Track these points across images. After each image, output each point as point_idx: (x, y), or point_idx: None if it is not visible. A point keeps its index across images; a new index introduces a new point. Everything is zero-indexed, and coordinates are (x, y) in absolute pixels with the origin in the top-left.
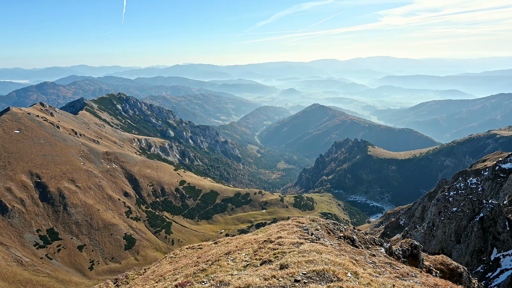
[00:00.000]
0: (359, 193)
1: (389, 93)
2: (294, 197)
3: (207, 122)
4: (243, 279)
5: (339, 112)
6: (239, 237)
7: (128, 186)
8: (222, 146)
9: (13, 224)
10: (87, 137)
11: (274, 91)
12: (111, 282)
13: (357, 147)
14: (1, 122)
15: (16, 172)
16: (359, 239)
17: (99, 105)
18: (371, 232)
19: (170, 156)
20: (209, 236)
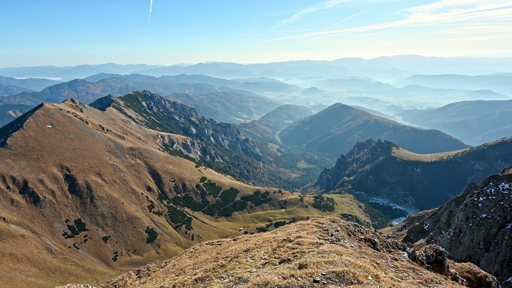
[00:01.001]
0: (381, 196)
1: (415, 93)
2: (314, 197)
3: (228, 120)
4: (262, 277)
5: (362, 112)
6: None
7: (151, 181)
8: (242, 144)
9: (44, 214)
10: (114, 133)
11: (296, 90)
12: (134, 274)
13: (381, 148)
14: (35, 117)
15: (48, 164)
16: (381, 242)
17: (125, 102)
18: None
19: (192, 153)
20: (228, 233)
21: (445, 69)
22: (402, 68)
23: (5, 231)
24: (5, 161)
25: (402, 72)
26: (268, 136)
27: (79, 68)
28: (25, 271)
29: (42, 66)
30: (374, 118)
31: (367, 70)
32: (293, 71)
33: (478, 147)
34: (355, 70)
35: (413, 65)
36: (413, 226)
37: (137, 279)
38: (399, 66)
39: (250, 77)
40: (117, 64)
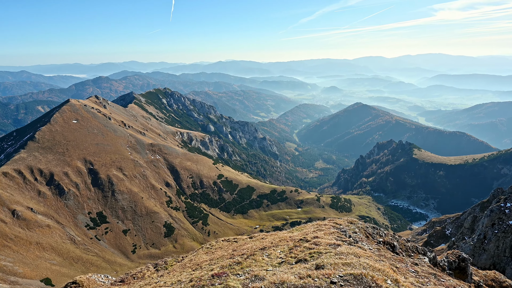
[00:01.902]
0: (401, 198)
1: (440, 93)
2: (331, 198)
3: (246, 118)
4: (278, 276)
5: (383, 112)
6: (274, 234)
7: (169, 177)
8: (260, 142)
9: (68, 206)
10: (135, 129)
11: (315, 88)
12: (152, 267)
13: (402, 149)
14: (62, 113)
15: (72, 158)
16: (400, 245)
17: (146, 99)
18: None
19: (210, 150)
20: (243, 231)
21: (473, 69)
22: (426, 67)
23: (32, 221)
24: (34, 154)
25: (426, 72)
26: (286, 135)
27: (103, 66)
28: (50, 260)
29: (69, 64)
30: (396, 119)
31: (389, 69)
32: (313, 69)
33: (507, 151)
34: (376, 69)
35: (438, 64)
36: (434, 230)
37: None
38: (423, 65)
39: (269, 76)
40: (139, 62)
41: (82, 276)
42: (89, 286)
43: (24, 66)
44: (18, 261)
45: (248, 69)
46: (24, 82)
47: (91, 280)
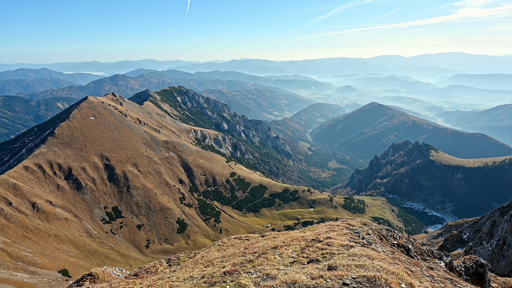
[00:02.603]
0: (416, 200)
1: (459, 94)
2: (344, 198)
3: (259, 117)
4: (290, 275)
5: (399, 112)
6: (286, 233)
7: (183, 174)
8: (273, 141)
9: (85, 200)
10: (150, 126)
11: (330, 88)
12: (165, 262)
13: (418, 150)
14: (80, 109)
15: (90, 154)
16: (415, 249)
17: (161, 96)
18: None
19: (223, 148)
20: (255, 229)
21: (495, 68)
22: (445, 67)
23: (51, 213)
24: (53, 149)
25: (445, 71)
26: (299, 134)
27: (120, 64)
28: (67, 252)
29: (87, 62)
30: (412, 119)
31: (406, 69)
32: (328, 68)
33: None
34: (393, 68)
35: (458, 64)
36: (451, 234)
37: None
38: (442, 65)
39: (283, 74)
40: (155, 60)
41: (98, 268)
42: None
43: (45, 64)
44: (38, 252)
45: (262, 68)
46: (45, 79)
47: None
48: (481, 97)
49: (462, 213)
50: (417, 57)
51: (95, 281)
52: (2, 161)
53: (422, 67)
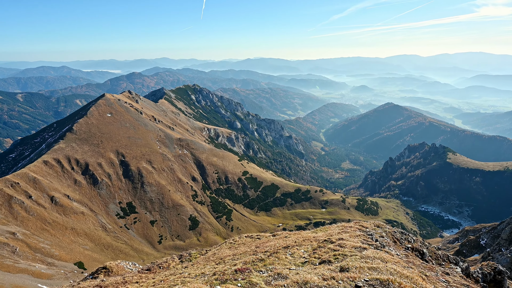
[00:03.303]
0: (432, 204)
1: (479, 95)
2: (357, 200)
3: (273, 116)
4: (301, 275)
5: (415, 113)
6: (298, 233)
7: (196, 171)
8: (286, 140)
9: (101, 195)
10: (164, 124)
11: (344, 87)
12: (176, 258)
13: (435, 152)
14: (97, 106)
15: (106, 150)
16: (430, 253)
17: (176, 95)
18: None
19: (236, 146)
20: (266, 228)
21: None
22: (465, 67)
23: (68, 207)
24: (71, 144)
25: (465, 71)
26: (312, 134)
27: (136, 62)
28: (83, 245)
29: (105, 60)
30: (429, 120)
31: (424, 68)
32: (343, 68)
33: None
34: (410, 68)
35: (478, 64)
36: (467, 239)
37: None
38: (461, 65)
39: (297, 74)
40: (170, 58)
41: (112, 262)
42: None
43: (65, 61)
44: (55, 244)
45: (276, 67)
46: (65, 76)
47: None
48: (502, 98)
49: (480, 218)
50: (435, 57)
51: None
52: (23, 155)
53: (440, 67)
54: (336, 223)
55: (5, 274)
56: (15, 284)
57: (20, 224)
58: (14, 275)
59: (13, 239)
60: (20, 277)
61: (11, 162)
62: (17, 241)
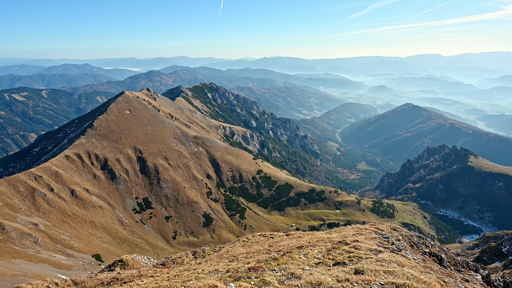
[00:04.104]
0: (451, 208)
1: (505, 96)
2: (372, 201)
3: (288, 115)
4: (315, 276)
5: (436, 114)
6: (311, 234)
7: (210, 169)
8: (301, 140)
9: (119, 190)
10: (181, 121)
11: (362, 87)
12: (190, 254)
13: (455, 155)
14: (117, 103)
15: (124, 146)
16: (449, 259)
17: (193, 93)
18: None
19: (250, 145)
20: (279, 227)
21: None
22: (490, 67)
23: (88, 201)
24: (91, 140)
25: (489, 72)
26: (328, 134)
27: (155, 60)
28: (100, 238)
29: (125, 58)
30: (450, 122)
31: (446, 68)
32: (361, 67)
33: None
34: (431, 68)
35: (504, 64)
36: (488, 246)
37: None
38: (486, 65)
39: (314, 73)
40: (188, 57)
41: (128, 255)
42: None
43: (87, 59)
44: (74, 237)
45: (292, 66)
46: (86, 74)
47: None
48: None
49: (502, 224)
50: (458, 57)
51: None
52: (47, 149)
53: (463, 67)
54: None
55: (28, 263)
56: (36, 273)
57: (42, 216)
58: (36, 264)
59: (36, 230)
60: (41, 267)
61: (35, 155)
62: (39, 232)
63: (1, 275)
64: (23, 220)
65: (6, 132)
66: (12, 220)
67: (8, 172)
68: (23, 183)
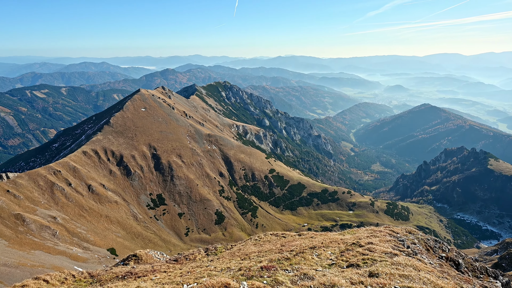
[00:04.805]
0: (469, 212)
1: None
2: (386, 203)
3: (302, 114)
4: (328, 277)
5: (454, 115)
6: (324, 234)
7: (223, 167)
8: (314, 140)
9: (133, 186)
10: (195, 119)
11: (378, 87)
12: (203, 251)
13: (474, 158)
14: (133, 101)
15: (139, 143)
16: (466, 264)
17: (207, 91)
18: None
19: (263, 144)
20: (291, 227)
21: None
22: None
23: (104, 196)
24: (108, 137)
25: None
26: (342, 134)
27: (170, 59)
28: (115, 232)
29: (141, 56)
30: (470, 123)
31: (466, 68)
32: (377, 66)
33: None
34: (451, 67)
35: None
36: (508, 252)
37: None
38: (509, 64)
39: (329, 72)
40: (202, 55)
41: (142, 250)
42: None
43: (104, 58)
44: (90, 230)
45: (307, 65)
46: (104, 72)
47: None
48: None
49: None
50: (479, 56)
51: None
52: (65, 145)
53: (485, 66)
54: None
55: (46, 255)
56: (54, 264)
57: (60, 209)
58: (54, 256)
59: (54, 223)
60: (59, 259)
61: (54, 151)
62: (57, 225)
63: (21, 265)
64: (42, 213)
65: (27, 128)
66: (32, 213)
67: (29, 167)
68: (42, 177)
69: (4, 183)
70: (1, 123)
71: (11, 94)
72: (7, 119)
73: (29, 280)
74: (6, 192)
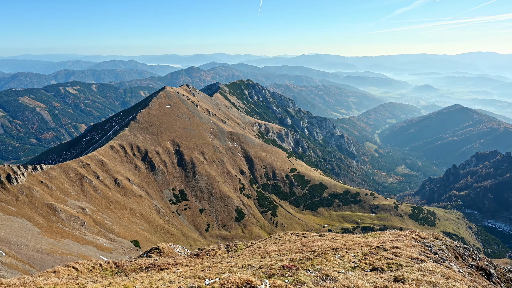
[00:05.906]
0: (501, 220)
1: None
2: (411, 207)
3: (325, 114)
4: (351, 280)
5: (488, 118)
6: (346, 236)
7: (244, 165)
8: (337, 140)
9: (157, 180)
10: (217, 117)
11: (405, 86)
12: (223, 247)
13: (509, 162)
14: (158, 98)
15: (164, 139)
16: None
17: (230, 89)
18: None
19: (285, 143)
20: (311, 227)
21: None
22: None
23: (129, 189)
24: (134, 132)
25: None
26: (366, 134)
27: (195, 57)
28: (139, 225)
29: (167, 55)
30: (505, 126)
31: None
32: (404, 65)
33: None
34: (485, 67)
35: None
36: None
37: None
38: None
39: (354, 71)
40: (226, 54)
41: (164, 244)
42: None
43: (132, 56)
44: (116, 222)
45: (331, 64)
46: (132, 70)
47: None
48: None
49: None
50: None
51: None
52: (94, 139)
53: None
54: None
55: (75, 244)
56: (82, 253)
57: (89, 201)
58: (82, 245)
59: (82, 213)
60: (86, 248)
61: (84, 145)
62: (86, 215)
63: (52, 252)
64: (72, 203)
65: (60, 122)
66: (63, 203)
67: (61, 159)
68: (73, 169)
69: (39, 174)
70: (37, 117)
71: (46, 90)
72: (42, 113)
73: (60, 266)
74: (40, 182)
